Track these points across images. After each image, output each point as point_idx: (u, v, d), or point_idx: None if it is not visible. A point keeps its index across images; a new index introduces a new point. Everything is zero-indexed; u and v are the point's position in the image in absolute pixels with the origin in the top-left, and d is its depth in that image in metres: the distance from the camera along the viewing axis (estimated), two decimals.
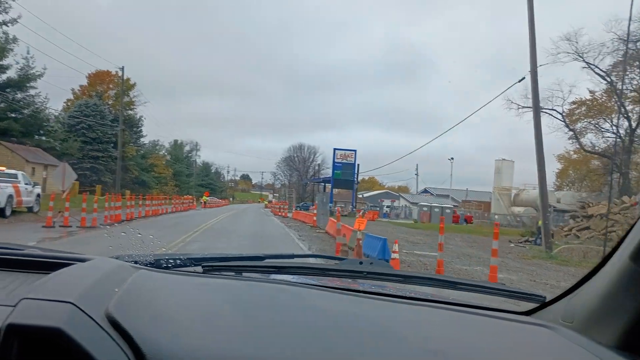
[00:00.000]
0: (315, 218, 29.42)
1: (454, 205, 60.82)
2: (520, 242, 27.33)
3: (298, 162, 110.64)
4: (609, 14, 45.64)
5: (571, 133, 48.08)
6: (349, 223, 17.40)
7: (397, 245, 12.58)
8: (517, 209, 64.25)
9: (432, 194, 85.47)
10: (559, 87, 42.11)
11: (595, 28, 61.18)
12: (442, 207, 56.82)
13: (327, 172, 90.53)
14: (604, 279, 1.09)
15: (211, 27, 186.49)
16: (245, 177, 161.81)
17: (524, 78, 20.63)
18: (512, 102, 43.86)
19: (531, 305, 1.41)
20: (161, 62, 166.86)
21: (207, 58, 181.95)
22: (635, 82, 40.61)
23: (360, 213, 50.89)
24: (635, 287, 0.98)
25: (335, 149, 58.38)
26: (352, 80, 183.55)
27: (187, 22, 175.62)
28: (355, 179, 59.02)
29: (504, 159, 68.20)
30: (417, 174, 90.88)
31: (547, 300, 1.38)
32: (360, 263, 1.83)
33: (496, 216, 61.56)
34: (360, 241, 13.63)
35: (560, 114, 44.32)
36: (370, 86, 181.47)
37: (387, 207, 67.92)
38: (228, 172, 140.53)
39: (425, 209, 56.74)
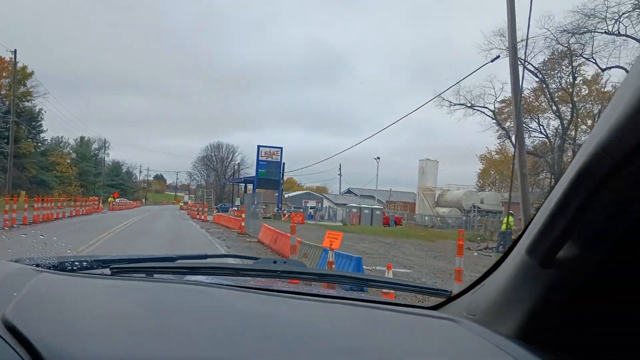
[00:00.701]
0: (243, 224, 25.24)
1: (377, 207, 58.82)
2: (482, 250, 25.09)
3: (216, 161, 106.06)
4: (541, 10, 45.45)
5: (500, 132, 47.21)
6: (300, 234, 14.05)
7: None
8: (442, 210, 63.91)
9: (355, 195, 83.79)
10: (491, 85, 40.86)
11: (527, 24, 61.54)
12: (371, 208, 54.45)
13: (247, 171, 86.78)
14: (504, 273, 1.12)
15: (125, 21, 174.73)
16: (159, 178, 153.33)
17: (498, 57, 18.14)
18: (443, 99, 42.28)
19: (439, 300, 1.46)
20: (67, 53, 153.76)
21: (120, 52, 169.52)
22: (564, 81, 40.19)
23: (286, 215, 48.39)
24: (531, 280, 1.01)
25: (259, 146, 54.08)
26: (271, 80, 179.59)
27: (99, 14, 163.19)
28: (282, 179, 55.41)
29: (428, 159, 67.70)
30: (340, 174, 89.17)
31: (453, 295, 1.44)
32: (275, 262, 1.83)
33: (426, 217, 60.88)
34: (334, 265, 9.91)
35: (492, 111, 43.27)
36: (290, 87, 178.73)
37: (312, 208, 65.02)
38: (141, 172, 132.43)
39: (354, 210, 53.86)
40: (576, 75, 39.13)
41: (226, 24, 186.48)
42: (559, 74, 39.71)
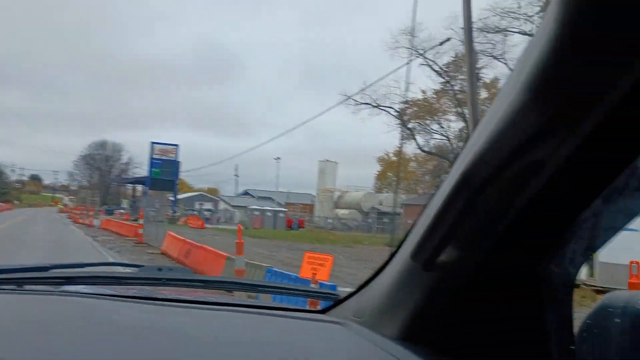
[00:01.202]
0: (141, 230, 21.36)
1: (281, 209, 56.60)
2: None
3: (100, 160, 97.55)
4: (448, 10, 46.07)
5: (403, 134, 47.22)
6: (216, 243, 11.53)
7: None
8: (342, 212, 63.59)
9: (253, 197, 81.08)
10: (397, 84, 40.32)
11: (435, 24, 62.43)
12: (274, 210, 52.15)
13: (137, 171, 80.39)
14: (389, 276, 1.14)
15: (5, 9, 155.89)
16: (36, 178, 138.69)
17: (448, 39, 16.84)
18: (348, 96, 41.27)
19: (328, 304, 1.46)
20: None
21: None
22: (465, 84, 41.01)
23: (182, 218, 44.78)
24: (414, 282, 1.04)
25: (153, 143, 49.39)
26: (161, 78, 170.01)
27: None
28: (177, 179, 51.34)
29: (327, 160, 67.40)
30: (237, 175, 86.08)
31: (341, 298, 1.44)
32: (159, 270, 1.78)
33: (329, 220, 59.92)
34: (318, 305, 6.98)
35: (398, 112, 43.06)
36: (180, 85, 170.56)
37: (207, 210, 61.47)
38: (13, 171, 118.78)
39: (256, 212, 51.17)
40: (479, 77, 40.03)
41: (114, 18, 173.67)
42: (461, 76, 40.36)
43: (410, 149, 50.06)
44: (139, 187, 59.19)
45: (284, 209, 56.78)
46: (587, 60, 0.61)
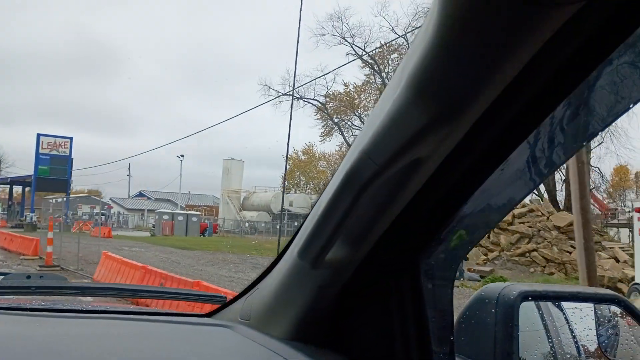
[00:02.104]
0: (50, 248, 15.63)
1: (193, 213, 51.40)
2: None
3: None
4: None
5: (323, 130, 44.83)
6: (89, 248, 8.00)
7: None
8: (249, 214, 60.09)
9: (149, 198, 74.55)
10: (322, 74, 37.75)
11: (363, 10, 59.50)
12: (187, 214, 46.95)
13: (10, 171, 70.05)
14: (276, 276, 1.13)
15: None
16: None
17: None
18: (270, 87, 38.18)
19: (215, 307, 1.43)
20: None
21: None
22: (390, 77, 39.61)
23: (74, 225, 38.52)
24: (302, 281, 1.04)
25: (40, 135, 41.48)
26: (29, 70, 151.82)
27: None
28: (70, 178, 44.29)
29: (232, 159, 63.35)
30: (129, 175, 78.60)
31: (227, 301, 1.41)
32: (28, 277, 1.69)
33: (231, 222, 55.99)
34: None
35: (322, 104, 40.49)
36: (51, 80, 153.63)
37: (101, 214, 54.63)
38: None
39: (166, 217, 44.70)
40: None
41: None
42: (386, 69, 38.75)
43: (328, 146, 47.68)
44: (18, 189, 50.99)
45: (196, 213, 51.74)
46: (463, 60, 0.63)
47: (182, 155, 64.66)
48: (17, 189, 58.26)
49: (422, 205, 0.90)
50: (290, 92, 38.54)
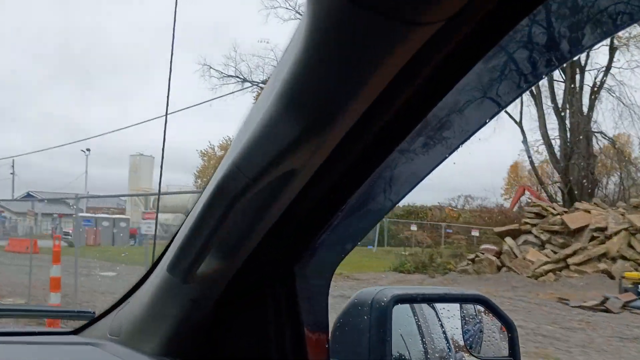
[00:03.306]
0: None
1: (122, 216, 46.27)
2: None
3: None
4: None
5: None
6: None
7: None
8: (164, 216, 57.48)
9: (41, 200, 68.66)
10: (273, 54, 33.01)
11: None
12: (113, 218, 41.05)
13: None
14: (148, 290, 1.11)
15: None
16: None
17: None
18: (211, 67, 34.93)
19: (82, 323, 1.38)
20: None
21: None
22: None
23: None
24: (173, 296, 1.03)
25: None
26: None
27: None
28: None
29: (141, 154, 59.60)
30: (13, 174, 71.49)
31: (96, 316, 1.36)
32: None
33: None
34: None
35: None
36: None
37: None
38: None
39: (88, 222, 36.68)
40: None
41: None
42: None
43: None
44: None
45: (125, 217, 45.75)
46: (332, 73, 0.65)
47: (88, 149, 58.36)
48: None
49: (296, 215, 0.90)
50: (235, 75, 35.17)
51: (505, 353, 1.66)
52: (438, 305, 1.74)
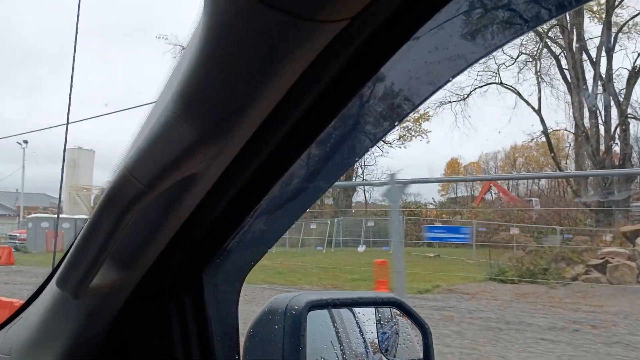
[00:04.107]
0: None
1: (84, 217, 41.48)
2: None
3: None
4: None
5: None
6: None
7: None
8: None
9: None
10: None
11: None
12: (75, 219, 33.46)
13: None
14: (41, 306, 1.08)
15: None
16: None
17: None
18: (166, 38, 34.37)
19: None
20: None
21: None
22: None
23: None
24: (67, 311, 1.01)
25: None
26: None
27: None
28: None
29: (80, 148, 56.36)
30: None
31: None
32: None
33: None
34: None
35: None
36: None
37: None
38: None
39: (45, 224, 32.96)
40: None
41: None
42: None
43: None
44: None
45: (83, 217, 40.37)
46: (231, 74, 0.62)
47: (26, 141, 51.59)
48: None
49: (202, 221, 0.87)
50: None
51: (421, 355, 1.68)
52: (357, 310, 1.74)
